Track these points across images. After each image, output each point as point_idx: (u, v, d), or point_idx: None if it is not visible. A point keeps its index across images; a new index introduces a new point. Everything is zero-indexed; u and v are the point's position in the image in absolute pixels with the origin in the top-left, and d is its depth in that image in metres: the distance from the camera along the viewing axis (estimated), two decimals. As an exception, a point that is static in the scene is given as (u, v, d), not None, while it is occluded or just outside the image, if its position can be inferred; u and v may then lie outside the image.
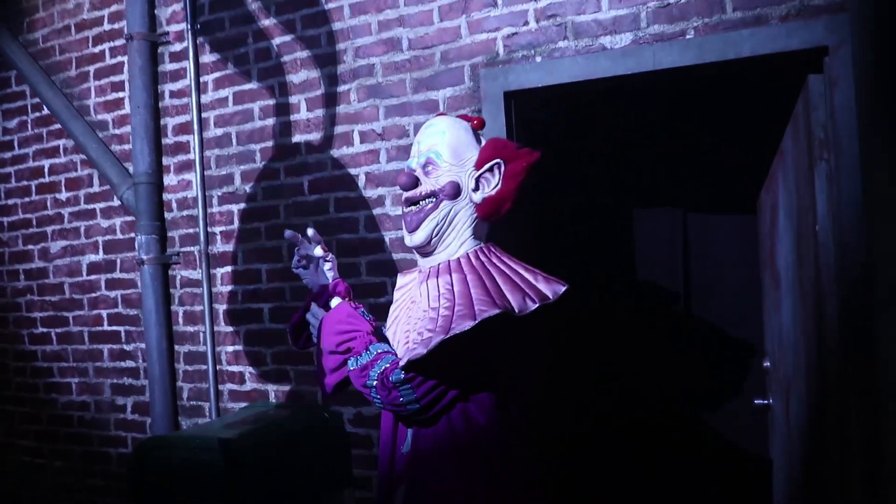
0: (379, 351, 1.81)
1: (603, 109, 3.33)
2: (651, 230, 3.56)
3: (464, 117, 1.97)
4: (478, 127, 1.95)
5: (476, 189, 1.84)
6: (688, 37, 2.32)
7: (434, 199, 1.85)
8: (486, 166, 1.83)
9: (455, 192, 1.84)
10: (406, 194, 1.90)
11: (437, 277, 1.82)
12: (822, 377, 2.37)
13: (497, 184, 1.82)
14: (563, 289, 1.71)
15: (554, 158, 3.42)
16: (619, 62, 2.40)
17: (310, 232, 2.07)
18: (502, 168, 1.82)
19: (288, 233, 2.06)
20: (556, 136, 3.34)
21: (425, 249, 1.92)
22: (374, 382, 1.76)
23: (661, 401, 3.53)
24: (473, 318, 1.60)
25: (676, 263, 3.50)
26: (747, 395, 3.34)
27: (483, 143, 1.91)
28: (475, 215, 1.85)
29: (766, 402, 3.09)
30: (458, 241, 1.85)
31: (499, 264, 1.80)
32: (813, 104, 2.30)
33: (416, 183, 1.89)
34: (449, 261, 1.86)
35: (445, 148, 1.88)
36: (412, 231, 1.90)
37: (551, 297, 1.68)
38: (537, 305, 1.64)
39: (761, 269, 3.19)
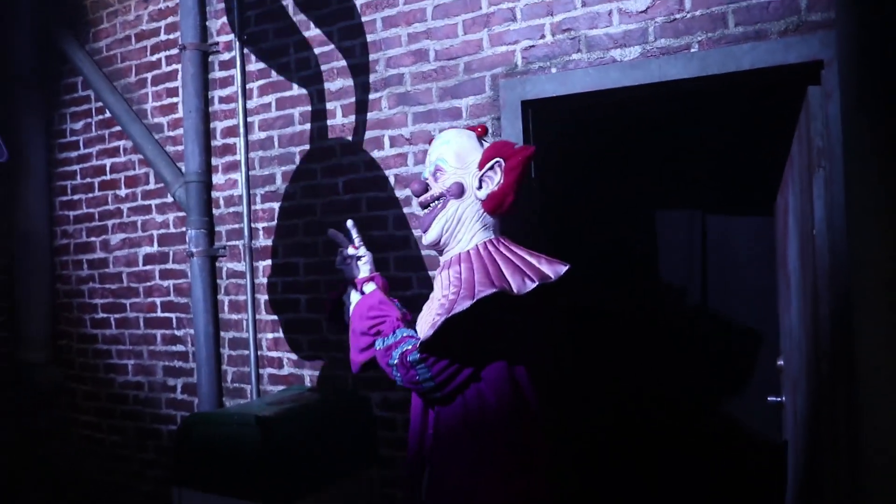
0: (404, 335, 2.01)
1: (621, 115, 3.46)
2: (671, 231, 3.66)
3: (470, 128, 2.17)
4: (481, 134, 2.15)
5: (480, 187, 2.04)
6: (692, 50, 2.47)
7: (442, 200, 2.07)
8: (488, 165, 2.03)
9: (460, 191, 2.05)
10: (418, 200, 2.12)
11: (449, 268, 2.03)
12: (818, 375, 2.49)
13: (500, 180, 2.02)
14: (565, 269, 1.89)
15: (574, 163, 3.59)
16: (627, 74, 2.56)
17: (348, 223, 2.29)
18: (502, 165, 2.02)
19: (331, 231, 2.30)
20: (575, 142, 3.48)
21: (439, 246, 2.13)
22: (396, 361, 1.98)
23: (679, 398, 3.64)
24: (472, 299, 1.80)
25: (695, 264, 3.60)
26: (765, 392, 3.43)
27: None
28: (482, 211, 2.05)
29: (779, 399, 3.20)
30: (469, 235, 2.05)
31: (505, 252, 1.99)
32: (812, 114, 2.43)
33: (426, 189, 2.11)
34: (460, 253, 2.06)
35: (451, 154, 2.09)
36: (425, 230, 2.12)
37: (552, 276, 1.86)
38: (536, 284, 1.83)
39: (777, 270, 3.29)
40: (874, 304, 1.97)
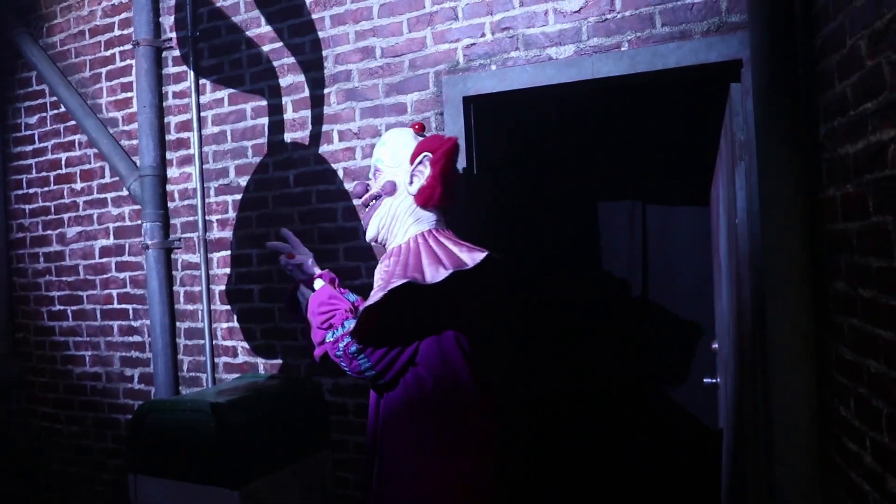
0: (350, 327, 2.12)
1: (562, 110, 3.59)
2: (613, 222, 3.80)
3: (412, 125, 2.28)
4: (419, 131, 2.26)
5: (412, 182, 2.15)
6: (623, 49, 2.60)
7: (379, 199, 2.19)
8: (417, 160, 2.14)
9: (393, 188, 2.17)
10: (358, 202, 2.25)
11: (381, 262, 2.15)
12: (742, 355, 2.65)
13: (428, 173, 2.13)
14: (483, 255, 2.01)
15: (519, 157, 3.72)
16: (563, 71, 2.68)
17: (283, 232, 2.42)
18: (430, 158, 2.13)
19: (269, 244, 2.43)
20: (518, 136, 3.60)
21: (379, 242, 2.25)
22: (341, 353, 2.09)
23: (623, 382, 3.78)
24: (384, 290, 1.91)
25: (636, 253, 3.74)
26: (702, 375, 3.58)
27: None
28: (414, 206, 2.15)
29: (714, 380, 3.36)
30: (402, 230, 2.17)
31: (431, 243, 2.10)
32: (734, 110, 2.57)
33: (366, 190, 2.24)
34: (393, 247, 2.17)
35: (386, 154, 2.22)
36: (365, 229, 2.25)
37: (469, 263, 1.98)
38: (450, 272, 1.94)
39: (712, 257, 3.45)
40: (783, 287, 2.12)
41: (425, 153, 2.14)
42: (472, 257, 2.01)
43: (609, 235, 3.81)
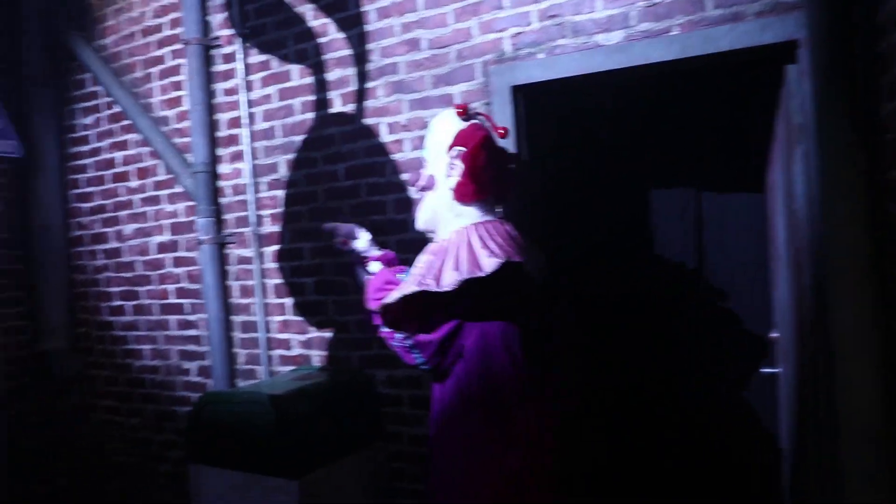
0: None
1: (612, 97, 3.53)
2: (666, 210, 3.74)
3: (455, 106, 2.25)
4: (461, 114, 2.21)
5: (449, 176, 2.14)
6: (672, 33, 2.55)
7: (423, 191, 2.19)
8: (452, 154, 2.12)
9: (433, 183, 2.16)
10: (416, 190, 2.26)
11: (423, 253, 2.15)
12: (803, 343, 2.59)
13: (461, 169, 2.11)
14: (497, 262, 1.96)
15: (569, 146, 3.68)
16: (611, 57, 2.65)
17: (326, 227, 2.47)
18: (461, 153, 2.10)
19: (325, 226, 2.44)
20: (568, 125, 3.56)
21: (430, 233, 2.26)
22: (398, 345, 2.12)
23: (677, 374, 3.72)
24: (398, 294, 2.01)
25: (689, 240, 3.68)
26: (759, 364, 3.50)
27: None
28: (453, 200, 2.14)
29: (773, 370, 3.29)
30: (444, 224, 2.16)
31: (462, 244, 2.06)
32: (791, 92, 2.51)
33: (418, 179, 2.24)
34: (438, 240, 2.17)
35: (430, 145, 2.21)
36: (416, 220, 2.26)
37: (484, 270, 1.95)
38: (461, 279, 1.94)
39: (769, 245, 3.38)
40: (846, 272, 2.07)
41: (458, 147, 2.12)
42: (490, 264, 1.97)
43: (662, 223, 3.75)
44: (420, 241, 3.03)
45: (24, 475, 4.12)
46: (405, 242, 3.11)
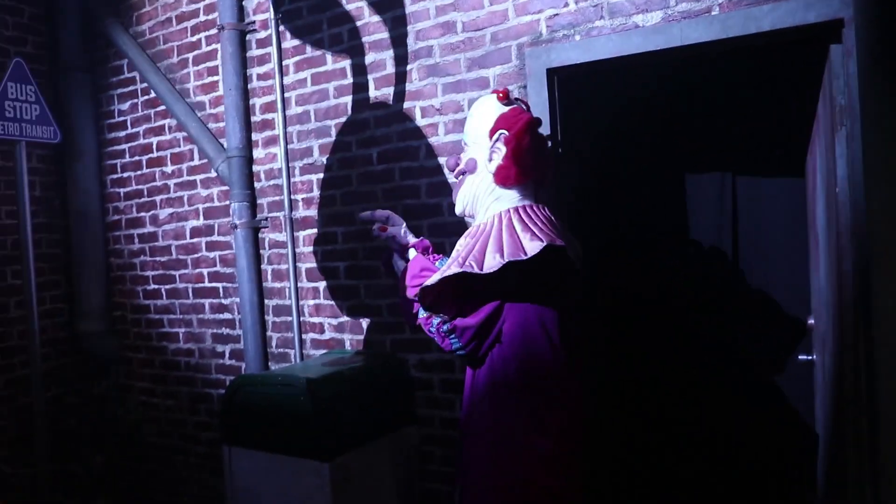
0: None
1: (647, 80, 3.48)
2: (701, 194, 3.69)
3: (495, 91, 2.23)
4: (502, 99, 2.19)
5: (491, 160, 2.12)
6: (713, 13, 2.50)
7: (463, 174, 2.18)
8: (494, 138, 2.11)
9: (474, 166, 2.15)
10: (451, 176, 2.25)
11: (463, 237, 2.14)
12: (842, 331, 2.54)
13: (504, 152, 2.09)
14: (540, 246, 1.94)
15: (604, 129, 3.64)
16: (650, 39, 2.61)
17: (362, 216, 2.47)
18: (506, 136, 2.09)
19: (360, 216, 2.45)
20: (603, 108, 3.52)
21: (468, 216, 2.25)
22: (434, 329, 2.12)
23: (711, 362, 3.68)
24: (439, 276, 1.99)
25: (725, 225, 3.63)
26: (796, 351, 3.45)
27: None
28: (494, 184, 2.13)
29: (809, 357, 3.24)
30: (483, 208, 2.15)
31: (505, 225, 2.05)
32: (835, 73, 2.46)
33: (456, 164, 2.23)
34: (475, 225, 2.16)
35: (471, 128, 2.20)
36: (455, 203, 2.25)
37: (527, 253, 1.93)
38: (503, 262, 1.92)
39: (808, 230, 3.32)
40: (889, 258, 2.02)
41: (501, 131, 2.10)
42: (532, 247, 1.95)
43: (698, 208, 3.70)
44: (452, 224, 3.04)
45: (62, 454, 4.20)
46: (437, 226, 3.11)
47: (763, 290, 3.57)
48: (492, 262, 1.94)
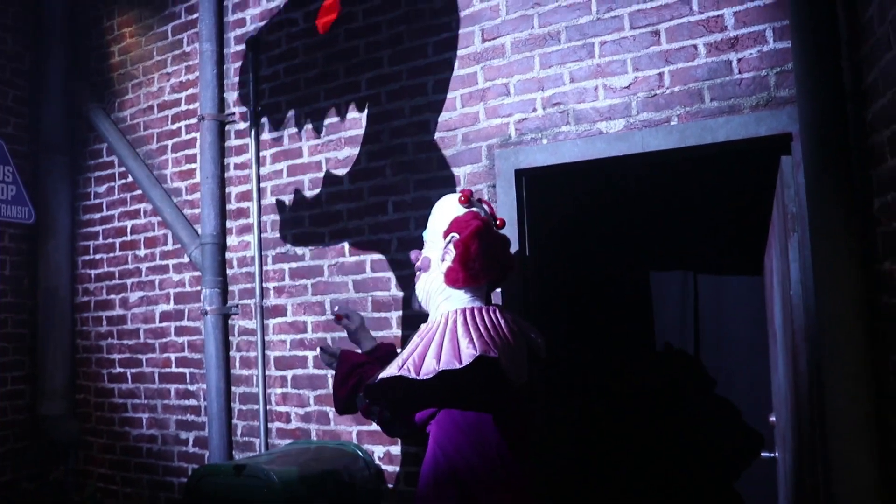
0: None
1: (613, 182, 3.63)
2: (664, 292, 3.79)
3: (462, 191, 2.30)
4: (463, 202, 2.25)
5: (443, 260, 2.19)
6: (672, 123, 2.65)
7: (419, 272, 2.25)
8: (446, 240, 2.18)
9: (427, 265, 2.22)
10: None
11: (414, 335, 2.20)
12: (800, 428, 2.60)
13: (453, 255, 2.15)
14: (474, 356, 1.95)
15: (570, 228, 3.76)
16: (613, 145, 2.74)
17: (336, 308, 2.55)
18: (454, 240, 2.15)
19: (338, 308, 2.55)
20: (570, 208, 3.65)
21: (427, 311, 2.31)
22: (376, 418, 2.26)
23: (673, 454, 3.71)
24: (381, 376, 2.07)
25: (688, 322, 3.72)
26: (758, 448, 3.49)
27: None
28: (444, 283, 2.18)
29: (772, 455, 3.27)
30: (434, 306, 2.21)
31: (447, 330, 2.08)
32: (786, 182, 2.59)
33: (416, 259, 2.31)
34: (429, 321, 2.21)
35: (429, 227, 2.29)
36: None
37: (462, 362, 1.95)
38: (438, 370, 1.95)
39: (767, 328, 3.41)
40: (840, 360, 2.10)
41: (453, 234, 2.17)
42: (468, 354, 1.96)
43: (661, 305, 3.80)
44: (421, 317, 3.07)
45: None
46: (407, 318, 3.15)
47: (725, 387, 3.63)
48: (428, 368, 1.97)
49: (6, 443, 4.11)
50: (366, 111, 3.32)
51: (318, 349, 2.55)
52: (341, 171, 3.37)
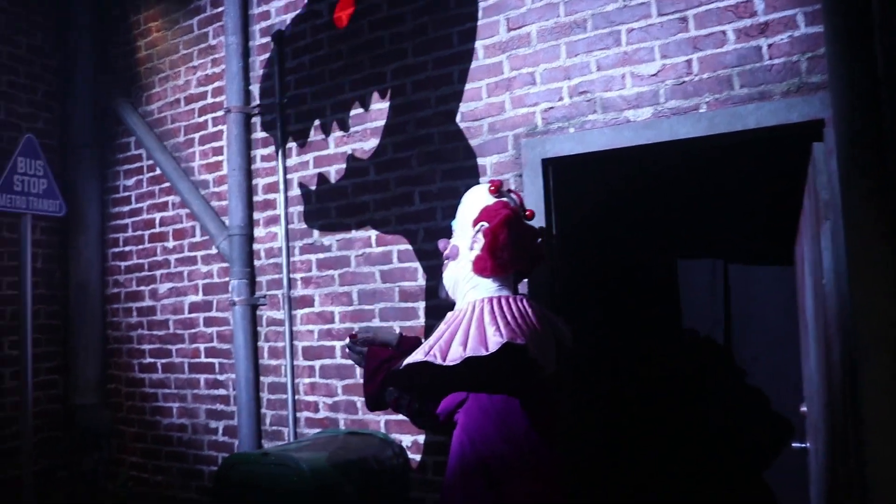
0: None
1: (641, 170, 3.59)
2: (694, 281, 3.76)
3: (491, 181, 2.30)
4: (493, 192, 2.25)
5: (471, 248, 2.19)
6: (700, 111, 2.62)
7: (447, 260, 2.25)
8: (475, 229, 2.18)
9: (456, 253, 2.22)
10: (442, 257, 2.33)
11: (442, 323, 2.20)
12: (833, 419, 2.57)
13: (482, 244, 2.15)
14: (501, 342, 1.95)
15: (599, 217, 3.73)
16: (640, 133, 2.72)
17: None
18: (484, 229, 2.15)
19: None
20: (598, 197, 3.62)
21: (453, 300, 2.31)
22: (405, 410, 2.26)
23: (701, 441, 3.68)
24: (405, 362, 2.08)
25: (718, 312, 3.68)
26: (789, 438, 3.45)
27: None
28: (472, 272, 2.18)
29: (804, 445, 3.24)
30: (461, 294, 2.22)
31: (477, 316, 2.08)
32: (818, 169, 2.55)
33: (445, 248, 2.31)
34: (456, 309, 2.21)
35: (459, 217, 2.28)
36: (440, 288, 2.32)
37: (488, 349, 1.95)
38: (464, 356, 1.95)
39: (798, 317, 3.36)
40: (876, 349, 2.07)
41: (482, 223, 2.16)
42: (495, 342, 1.96)
43: (690, 293, 3.76)
44: (447, 306, 3.08)
45: (49, 531, 4.14)
46: (434, 309, 3.16)
47: (756, 376, 3.60)
48: (454, 355, 1.98)
49: (40, 432, 4.18)
50: (391, 102, 3.32)
51: (345, 347, 2.55)
52: (367, 162, 3.38)
